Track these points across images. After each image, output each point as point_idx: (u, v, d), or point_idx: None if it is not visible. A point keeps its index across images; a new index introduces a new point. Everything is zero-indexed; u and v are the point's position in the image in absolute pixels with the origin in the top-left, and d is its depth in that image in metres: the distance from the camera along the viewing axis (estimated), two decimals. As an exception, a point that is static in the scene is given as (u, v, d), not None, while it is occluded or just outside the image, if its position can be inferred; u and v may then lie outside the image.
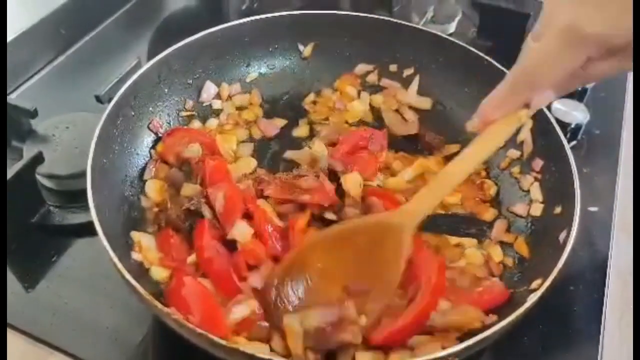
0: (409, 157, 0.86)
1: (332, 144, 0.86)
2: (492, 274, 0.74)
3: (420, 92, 0.92)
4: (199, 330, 0.56)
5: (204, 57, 0.88)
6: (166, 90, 0.84)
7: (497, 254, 0.76)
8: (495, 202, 0.82)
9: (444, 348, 0.60)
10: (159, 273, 0.69)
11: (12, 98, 0.88)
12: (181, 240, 0.72)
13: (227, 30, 0.88)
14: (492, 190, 0.82)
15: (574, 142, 0.95)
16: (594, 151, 0.96)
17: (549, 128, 0.78)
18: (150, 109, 0.82)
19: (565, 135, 0.92)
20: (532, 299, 0.62)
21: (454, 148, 0.86)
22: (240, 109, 0.90)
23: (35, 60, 1.02)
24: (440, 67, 0.90)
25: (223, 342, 0.56)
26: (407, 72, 0.93)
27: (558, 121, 0.92)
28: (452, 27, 1.13)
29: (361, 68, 0.94)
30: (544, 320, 0.73)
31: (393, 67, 0.94)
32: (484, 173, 0.85)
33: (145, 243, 0.71)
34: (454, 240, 0.77)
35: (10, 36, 0.98)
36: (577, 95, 1.00)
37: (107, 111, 0.74)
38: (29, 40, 1.01)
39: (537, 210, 0.78)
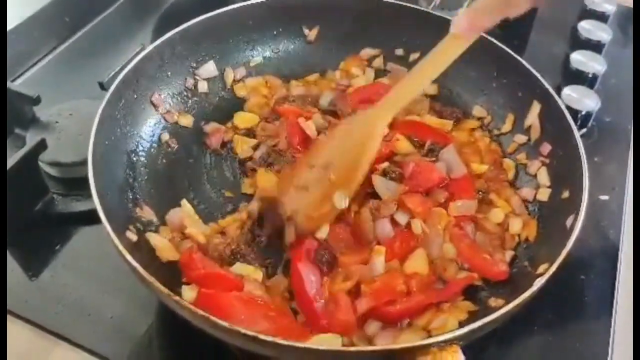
0: None
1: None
2: (503, 246, 0.73)
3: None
4: (201, 312, 0.55)
5: (208, 40, 0.87)
6: (169, 73, 0.84)
7: (515, 225, 0.75)
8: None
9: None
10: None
11: (15, 85, 0.87)
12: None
13: (231, 12, 0.87)
14: (511, 173, 0.81)
15: (584, 130, 0.94)
16: (605, 139, 0.94)
17: (558, 113, 0.77)
18: (153, 92, 0.82)
19: (575, 123, 0.92)
20: (538, 283, 0.61)
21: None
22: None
23: (39, 48, 1.01)
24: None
25: (224, 323, 0.55)
26: (414, 56, 0.91)
27: (568, 108, 0.91)
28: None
29: (367, 52, 0.93)
30: (555, 308, 0.73)
31: (399, 52, 0.92)
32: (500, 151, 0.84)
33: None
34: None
35: (14, 23, 0.97)
36: (588, 82, 0.99)
37: (108, 94, 0.73)
38: (32, 27, 1.00)
39: (544, 195, 0.76)
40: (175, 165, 0.80)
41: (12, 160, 0.73)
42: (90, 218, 0.64)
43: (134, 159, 0.77)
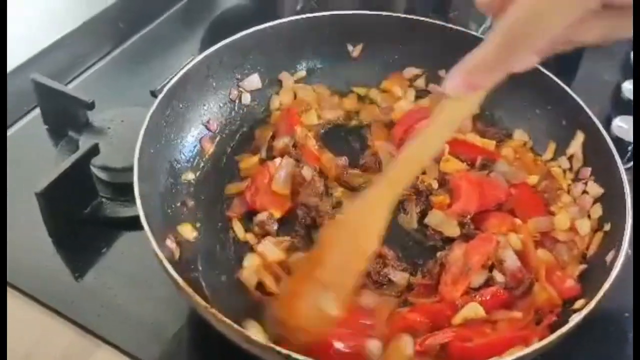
0: None
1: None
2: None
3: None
4: (236, 326, 0.56)
5: (254, 53, 0.88)
6: (214, 84, 0.85)
7: (584, 226, 0.74)
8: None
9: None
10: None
11: (70, 89, 0.90)
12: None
13: (278, 27, 0.88)
14: (564, 181, 0.81)
15: (631, 163, 0.92)
16: (655, 173, 0.92)
17: (604, 147, 0.76)
18: (199, 102, 0.84)
19: (625, 155, 0.91)
20: (575, 319, 0.60)
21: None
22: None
23: (93, 52, 1.04)
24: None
25: (260, 339, 0.56)
26: None
27: (618, 139, 0.90)
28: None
29: (409, 71, 0.93)
30: (595, 345, 0.71)
31: (442, 72, 0.92)
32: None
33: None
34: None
35: (70, 27, 1.00)
36: (640, 112, 0.97)
37: (155, 103, 0.75)
38: (87, 32, 1.03)
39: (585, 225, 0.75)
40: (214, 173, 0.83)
41: (66, 163, 0.75)
42: (135, 224, 0.65)
43: (177, 166, 0.79)
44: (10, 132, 0.92)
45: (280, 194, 0.77)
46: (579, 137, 0.80)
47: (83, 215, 0.79)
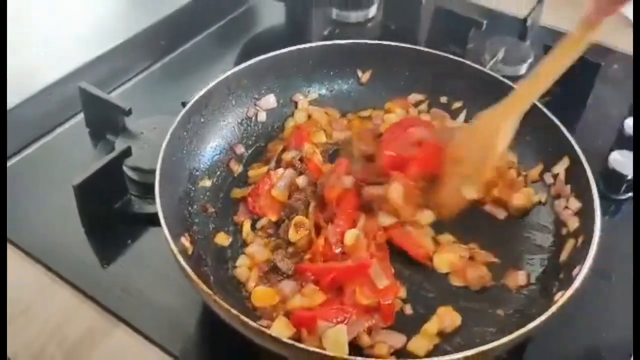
0: None
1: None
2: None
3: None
4: (243, 318, 0.62)
5: (270, 75, 0.96)
6: (234, 102, 0.93)
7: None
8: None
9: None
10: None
11: (112, 97, 0.99)
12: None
13: (293, 53, 0.96)
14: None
15: (629, 194, 0.96)
16: (650, 205, 0.96)
17: (583, 172, 0.81)
18: (219, 117, 0.91)
19: (621, 186, 0.96)
20: (530, 326, 0.65)
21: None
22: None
23: (135, 65, 1.13)
24: (489, 104, 0.93)
25: (267, 330, 0.62)
26: (456, 104, 0.97)
27: (614, 171, 0.95)
28: (523, 69, 1.16)
29: (414, 97, 0.99)
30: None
31: (443, 99, 0.98)
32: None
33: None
34: None
35: (115, 43, 1.10)
36: (640, 147, 1.01)
37: (179, 116, 0.83)
38: (131, 47, 1.12)
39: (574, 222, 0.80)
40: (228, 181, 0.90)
41: (101, 162, 0.84)
42: (159, 221, 0.72)
43: (196, 174, 0.87)
44: (56, 133, 1.01)
45: (277, 200, 0.83)
46: (565, 162, 0.85)
47: (113, 210, 0.87)
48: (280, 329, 0.69)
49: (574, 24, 1.28)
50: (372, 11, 1.28)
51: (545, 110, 0.87)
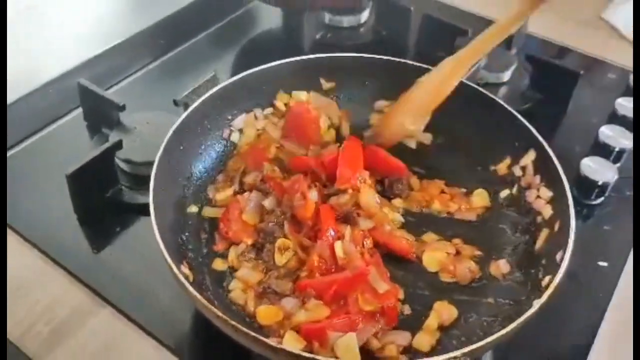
0: None
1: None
2: None
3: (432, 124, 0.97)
4: (262, 339, 0.64)
5: (241, 95, 0.95)
6: (209, 126, 0.93)
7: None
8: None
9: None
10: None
11: (108, 93, 1.04)
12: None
13: (261, 71, 0.96)
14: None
15: (601, 199, 1.00)
16: (620, 211, 1.00)
17: (551, 163, 0.85)
18: (197, 141, 0.92)
19: (592, 192, 0.99)
20: (528, 312, 0.68)
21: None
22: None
23: (133, 64, 1.18)
24: (453, 108, 0.94)
25: (282, 346, 0.64)
26: None
27: (586, 178, 0.99)
28: (506, 76, 1.19)
29: (380, 104, 1.00)
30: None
31: None
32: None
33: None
34: None
35: (114, 42, 1.15)
36: (615, 156, 1.04)
37: (183, 116, 0.87)
38: (130, 46, 1.18)
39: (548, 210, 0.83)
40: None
41: (94, 152, 0.89)
42: (147, 211, 0.76)
43: (183, 201, 0.87)
44: (55, 125, 1.07)
45: (249, 224, 0.85)
46: (531, 154, 0.88)
47: (104, 199, 0.92)
48: (292, 343, 0.71)
49: (560, 32, 1.34)
50: (364, 16, 1.32)
51: (506, 106, 0.91)
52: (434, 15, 1.26)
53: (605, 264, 0.92)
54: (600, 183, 0.99)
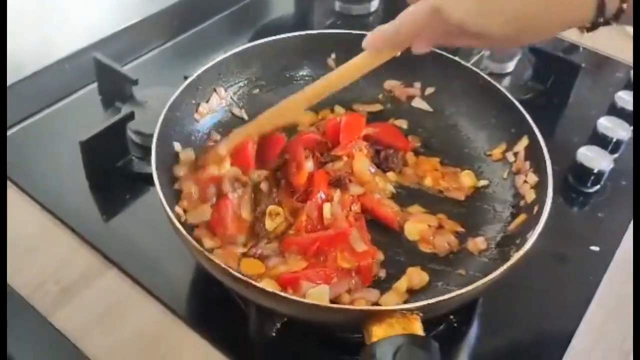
0: None
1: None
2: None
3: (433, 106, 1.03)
4: (234, 273, 0.67)
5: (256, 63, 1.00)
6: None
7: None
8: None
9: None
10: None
11: (124, 69, 1.08)
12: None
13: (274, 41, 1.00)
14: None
15: (597, 187, 1.03)
16: (614, 199, 1.02)
17: (539, 148, 0.87)
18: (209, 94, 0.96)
19: (588, 180, 1.02)
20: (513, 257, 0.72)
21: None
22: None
23: (149, 42, 1.22)
24: (458, 89, 1.00)
25: (255, 283, 0.67)
26: (429, 90, 1.03)
27: (582, 165, 1.02)
28: (510, 66, 1.22)
29: (389, 83, 1.04)
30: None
31: (417, 84, 1.03)
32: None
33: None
34: None
35: (131, 21, 1.20)
36: (612, 146, 1.07)
37: (177, 92, 0.90)
38: (147, 26, 1.22)
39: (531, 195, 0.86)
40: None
41: (106, 122, 0.93)
42: None
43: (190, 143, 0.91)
44: (72, 97, 1.11)
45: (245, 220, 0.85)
46: (524, 141, 0.91)
47: (115, 168, 0.96)
48: (267, 286, 0.74)
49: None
50: (374, 5, 1.35)
51: (507, 93, 0.93)
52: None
53: (597, 248, 0.94)
54: (595, 171, 1.01)
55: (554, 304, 0.87)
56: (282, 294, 0.68)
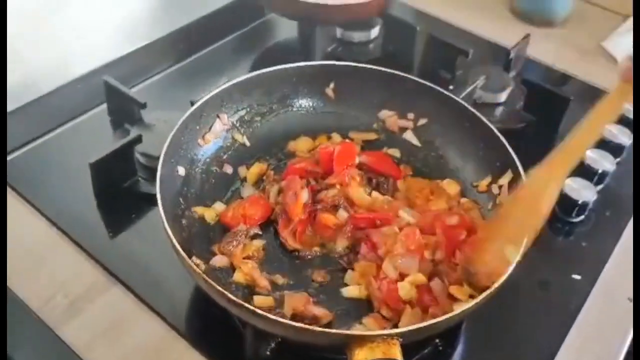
0: None
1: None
2: None
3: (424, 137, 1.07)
4: (218, 287, 0.72)
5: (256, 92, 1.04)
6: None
7: None
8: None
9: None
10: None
11: (131, 92, 1.12)
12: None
13: (275, 71, 1.04)
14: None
15: (581, 217, 1.07)
16: (598, 230, 1.06)
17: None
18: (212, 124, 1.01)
19: (572, 210, 1.07)
20: (463, 306, 0.75)
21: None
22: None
23: (155, 66, 1.27)
24: (450, 122, 1.04)
25: (239, 301, 0.70)
26: (422, 121, 1.07)
27: (566, 196, 1.06)
28: (502, 97, 1.26)
29: (384, 113, 1.08)
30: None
31: (411, 115, 1.07)
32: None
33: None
34: None
35: (141, 43, 1.25)
36: (597, 178, 1.11)
37: (182, 118, 0.94)
38: (153, 49, 1.27)
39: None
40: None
41: (115, 145, 0.97)
42: None
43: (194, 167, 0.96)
44: (81, 118, 1.16)
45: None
46: (508, 175, 0.94)
47: (122, 188, 1.00)
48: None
49: (559, 58, 1.41)
50: (374, 32, 1.40)
51: (494, 129, 0.97)
52: (438, 35, 1.33)
53: (578, 277, 0.98)
54: (580, 202, 1.05)
55: (536, 328, 0.91)
56: (270, 316, 0.72)
